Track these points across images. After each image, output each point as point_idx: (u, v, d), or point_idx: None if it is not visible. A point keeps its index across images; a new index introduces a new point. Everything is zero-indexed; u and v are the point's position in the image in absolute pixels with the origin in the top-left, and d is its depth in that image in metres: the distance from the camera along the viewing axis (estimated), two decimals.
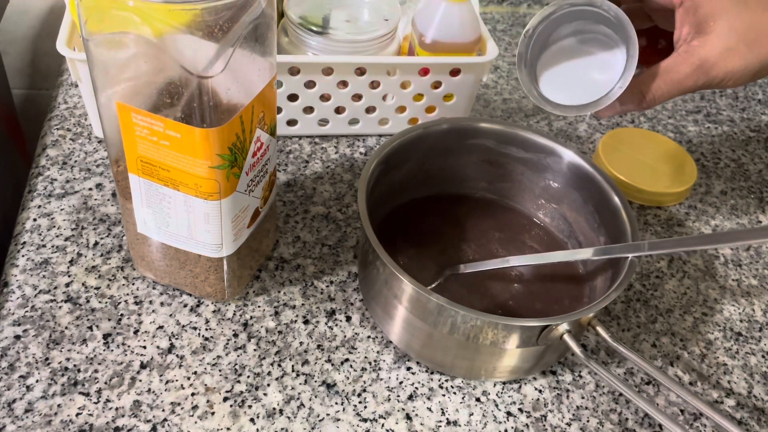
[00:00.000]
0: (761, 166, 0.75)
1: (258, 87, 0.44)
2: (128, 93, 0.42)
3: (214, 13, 0.37)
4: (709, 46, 0.46)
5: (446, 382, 0.51)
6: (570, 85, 0.50)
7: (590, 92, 0.48)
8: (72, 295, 0.52)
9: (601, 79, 0.49)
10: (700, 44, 0.47)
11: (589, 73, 0.50)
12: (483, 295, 0.55)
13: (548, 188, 0.59)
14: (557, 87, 0.50)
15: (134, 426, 0.46)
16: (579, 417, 0.50)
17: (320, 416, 0.48)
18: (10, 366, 0.48)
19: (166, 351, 0.50)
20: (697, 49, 0.47)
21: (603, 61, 0.49)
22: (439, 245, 0.58)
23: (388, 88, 0.66)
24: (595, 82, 0.49)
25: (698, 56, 0.47)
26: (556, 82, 0.50)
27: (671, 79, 0.47)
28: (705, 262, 0.63)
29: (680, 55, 0.47)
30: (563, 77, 0.50)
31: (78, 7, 0.38)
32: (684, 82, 0.47)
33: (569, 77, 0.50)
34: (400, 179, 0.58)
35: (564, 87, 0.50)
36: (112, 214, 0.59)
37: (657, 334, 0.56)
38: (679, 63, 0.47)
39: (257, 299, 0.54)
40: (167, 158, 0.43)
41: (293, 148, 0.68)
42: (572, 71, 0.50)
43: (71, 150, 0.64)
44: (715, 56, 0.46)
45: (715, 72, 0.47)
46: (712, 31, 0.46)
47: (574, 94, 0.49)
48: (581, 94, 0.49)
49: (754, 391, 0.53)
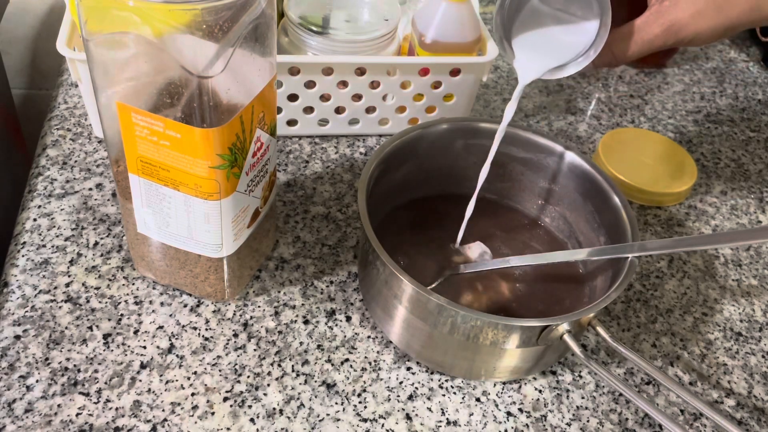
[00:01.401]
0: (761, 166, 0.75)
1: (258, 87, 0.44)
2: (128, 93, 0.42)
3: (214, 13, 0.37)
4: (680, 8, 0.49)
5: (446, 382, 0.51)
6: (543, 49, 0.51)
7: (563, 55, 0.50)
8: (72, 295, 0.52)
9: (574, 41, 0.50)
10: (671, 4, 0.49)
11: (561, 36, 0.51)
12: (483, 295, 0.55)
13: (548, 188, 0.59)
14: (531, 51, 0.52)
15: (134, 426, 0.46)
16: (579, 417, 0.50)
17: (320, 416, 0.48)
18: (10, 366, 0.48)
19: (166, 351, 0.50)
20: (669, 9, 0.49)
21: (574, 21, 0.51)
22: (439, 245, 0.58)
23: (388, 88, 0.66)
24: (568, 44, 0.51)
25: (669, 17, 0.49)
26: (530, 46, 0.52)
27: (641, 39, 0.50)
28: (705, 262, 0.63)
29: (652, 15, 0.49)
30: (536, 41, 0.52)
31: (78, 7, 0.38)
32: (654, 42, 0.50)
33: (542, 41, 0.52)
34: (400, 179, 0.58)
35: (537, 51, 0.52)
36: (112, 214, 0.59)
37: (657, 334, 0.56)
38: (651, 23, 0.49)
39: (257, 299, 0.54)
40: (167, 158, 0.43)
41: (293, 148, 0.68)
42: (545, 34, 0.52)
43: (71, 150, 0.64)
44: (685, 18, 0.48)
45: (684, 33, 0.49)
46: None
47: (548, 57, 0.51)
48: (554, 56, 0.51)
49: (754, 391, 0.53)
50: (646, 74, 0.87)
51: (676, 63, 0.90)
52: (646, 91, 0.84)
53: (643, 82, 0.86)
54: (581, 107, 0.80)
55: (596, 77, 0.85)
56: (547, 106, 0.79)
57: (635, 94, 0.83)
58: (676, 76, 0.88)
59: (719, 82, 0.88)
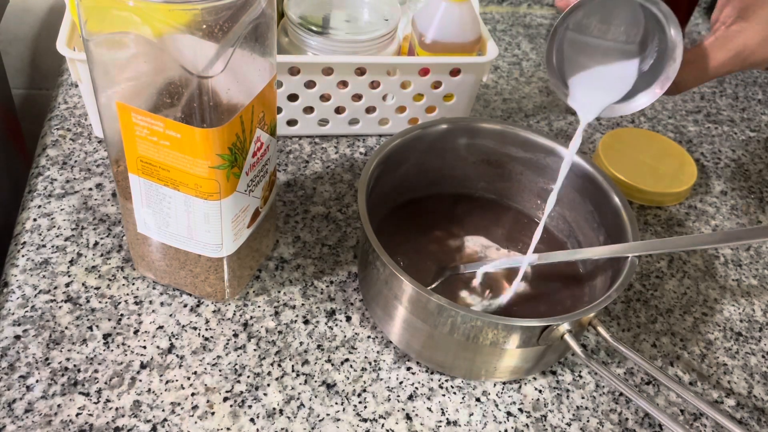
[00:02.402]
0: (761, 166, 0.75)
1: (258, 87, 0.44)
2: (128, 93, 0.42)
3: (214, 13, 0.37)
4: (750, 33, 0.45)
5: (446, 382, 0.51)
6: (600, 85, 0.48)
7: (620, 88, 0.47)
8: (72, 295, 0.52)
9: (630, 73, 0.47)
10: (740, 29, 0.45)
11: (619, 69, 0.48)
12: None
13: (548, 188, 0.59)
14: (587, 88, 0.49)
15: (134, 426, 0.46)
16: (579, 417, 0.50)
17: (320, 416, 0.48)
18: (10, 366, 0.48)
19: (166, 351, 0.50)
20: (737, 35, 0.45)
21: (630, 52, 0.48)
22: (439, 245, 0.58)
23: (388, 88, 0.66)
24: (625, 77, 0.47)
25: (737, 42, 0.45)
26: (585, 83, 0.49)
27: (708, 66, 0.46)
28: (705, 262, 0.63)
29: (718, 40, 0.46)
30: (593, 76, 0.49)
31: (78, 7, 0.38)
32: (720, 69, 0.46)
33: (599, 76, 0.48)
34: (400, 179, 0.58)
35: (594, 87, 0.48)
36: (112, 214, 0.59)
37: (657, 334, 0.56)
38: (717, 48, 0.46)
39: (257, 299, 0.54)
40: (167, 158, 0.43)
41: (293, 148, 0.68)
42: (601, 69, 0.48)
43: (71, 150, 0.64)
44: (754, 44, 0.45)
45: (753, 59, 0.46)
46: (754, 17, 0.45)
47: (605, 92, 0.48)
48: (612, 92, 0.47)
49: (754, 391, 0.53)
50: None
51: None
52: None
53: None
54: None
55: None
56: (547, 106, 0.79)
57: None
58: None
59: (719, 82, 0.88)
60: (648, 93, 0.47)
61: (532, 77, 0.84)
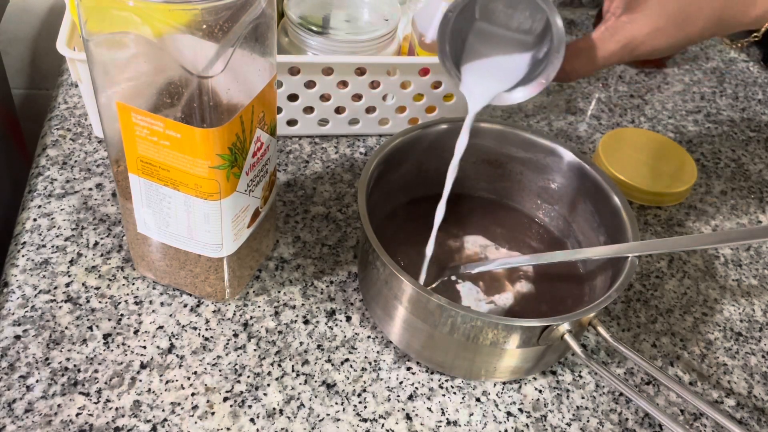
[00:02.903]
0: (761, 166, 0.75)
1: (258, 87, 0.44)
2: (128, 93, 0.42)
3: (214, 13, 0.37)
4: (638, 24, 0.46)
5: (446, 382, 0.51)
6: (491, 73, 0.49)
7: (511, 77, 0.48)
8: (72, 295, 0.52)
9: (520, 63, 0.48)
10: (629, 21, 0.46)
11: (509, 58, 0.49)
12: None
13: (548, 188, 0.59)
14: (478, 76, 0.49)
15: (134, 426, 0.46)
16: (579, 417, 0.50)
17: (320, 416, 0.48)
18: (10, 366, 0.48)
19: (166, 351, 0.50)
20: (625, 26, 0.46)
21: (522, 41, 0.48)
22: (439, 245, 0.58)
23: (388, 88, 0.66)
24: (516, 66, 0.48)
25: (625, 34, 0.46)
26: (476, 71, 0.49)
27: (596, 56, 0.47)
28: (705, 262, 0.63)
29: (607, 30, 0.47)
30: (484, 65, 0.49)
31: (78, 7, 0.38)
32: (609, 59, 0.47)
33: (490, 64, 0.49)
34: (400, 179, 0.58)
35: (485, 75, 0.49)
36: (112, 214, 0.59)
37: (657, 334, 0.56)
38: (606, 39, 0.46)
39: (257, 299, 0.54)
40: (167, 158, 0.43)
41: (293, 148, 0.68)
42: (493, 56, 0.49)
43: (71, 150, 0.64)
44: (642, 35, 0.46)
45: (641, 50, 0.46)
46: (642, 9, 0.46)
47: (495, 81, 0.48)
48: (502, 79, 0.48)
49: (754, 391, 0.53)
50: (646, 74, 0.87)
51: (676, 63, 0.90)
52: (646, 91, 0.84)
53: (643, 82, 0.86)
54: (581, 107, 0.80)
55: (596, 77, 0.85)
56: (547, 106, 0.79)
57: (635, 94, 0.83)
58: (676, 76, 0.88)
59: (719, 82, 0.88)
60: (534, 84, 0.47)
61: None
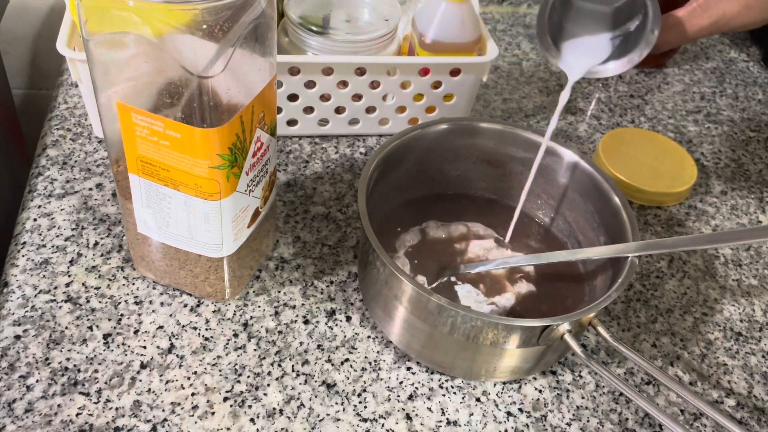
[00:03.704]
0: (761, 166, 0.75)
1: (258, 87, 0.44)
2: (128, 93, 0.42)
3: (214, 13, 0.37)
4: (730, 2, 0.46)
5: (446, 382, 0.51)
6: (588, 47, 0.51)
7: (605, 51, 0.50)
8: (72, 295, 0.52)
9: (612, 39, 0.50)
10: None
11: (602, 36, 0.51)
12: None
13: (548, 188, 0.59)
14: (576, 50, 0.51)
15: (134, 426, 0.46)
16: (579, 417, 0.50)
17: (320, 416, 0.48)
18: (10, 366, 0.48)
19: (166, 351, 0.50)
20: (718, 4, 0.47)
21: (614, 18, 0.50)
22: (439, 245, 0.58)
23: (388, 88, 0.66)
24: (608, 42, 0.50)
25: (717, 11, 0.47)
26: (575, 46, 0.52)
27: (686, 31, 0.48)
28: (705, 262, 0.63)
29: (699, 7, 0.47)
30: (582, 40, 0.52)
31: (78, 7, 0.38)
32: (698, 34, 0.48)
33: (588, 40, 0.51)
34: (400, 179, 0.58)
35: (582, 50, 0.51)
36: (112, 214, 0.59)
37: (657, 334, 0.56)
38: (697, 15, 0.47)
39: (257, 299, 0.54)
40: (167, 158, 0.43)
41: (293, 148, 0.68)
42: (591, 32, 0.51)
43: (71, 150, 0.64)
44: (733, 12, 0.47)
45: (732, 25, 0.47)
46: None
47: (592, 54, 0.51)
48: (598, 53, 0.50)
49: (754, 391, 0.53)
50: (646, 74, 0.87)
51: (676, 63, 0.90)
52: (646, 91, 0.84)
53: (643, 82, 0.86)
54: (581, 107, 0.80)
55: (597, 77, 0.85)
56: (547, 106, 0.79)
57: (635, 94, 0.83)
58: (676, 76, 0.88)
59: (719, 82, 0.88)
60: (626, 59, 0.49)
61: (532, 77, 0.84)
